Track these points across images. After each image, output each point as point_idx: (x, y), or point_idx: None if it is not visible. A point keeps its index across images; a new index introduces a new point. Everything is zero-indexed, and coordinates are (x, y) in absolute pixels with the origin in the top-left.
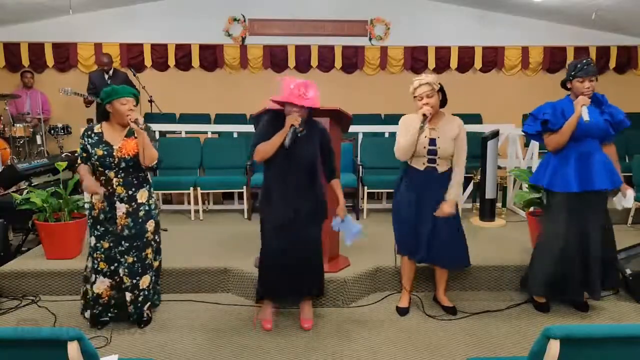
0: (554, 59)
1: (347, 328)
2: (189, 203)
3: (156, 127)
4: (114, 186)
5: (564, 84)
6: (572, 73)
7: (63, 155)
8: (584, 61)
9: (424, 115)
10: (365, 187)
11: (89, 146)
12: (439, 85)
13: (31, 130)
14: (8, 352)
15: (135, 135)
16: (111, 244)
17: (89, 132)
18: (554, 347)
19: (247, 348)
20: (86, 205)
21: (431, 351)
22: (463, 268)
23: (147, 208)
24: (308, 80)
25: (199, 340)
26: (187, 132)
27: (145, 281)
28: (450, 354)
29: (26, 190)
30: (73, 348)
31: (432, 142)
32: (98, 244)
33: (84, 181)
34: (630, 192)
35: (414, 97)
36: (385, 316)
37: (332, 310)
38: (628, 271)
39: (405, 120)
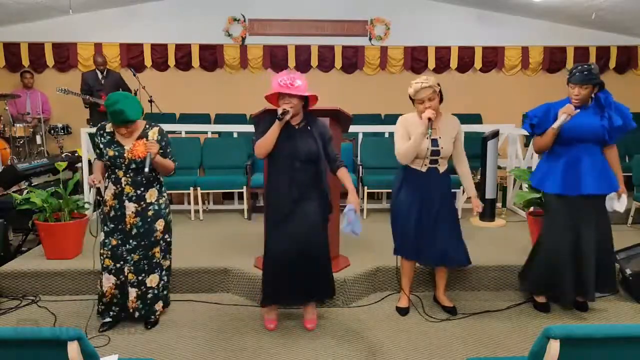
0: (554, 59)
1: (347, 328)
2: (189, 203)
3: None
4: (123, 185)
5: None
6: (568, 77)
7: (63, 155)
8: (580, 67)
9: (429, 119)
10: (366, 187)
11: (102, 145)
12: (439, 87)
13: (31, 130)
14: (8, 352)
15: (148, 138)
16: (119, 242)
17: (102, 132)
18: (554, 347)
19: (247, 348)
20: (87, 199)
21: (431, 351)
22: (463, 267)
23: (156, 208)
24: (296, 72)
25: (199, 340)
26: (187, 132)
27: (153, 280)
28: (450, 354)
29: (26, 190)
30: (73, 348)
31: (434, 142)
32: (107, 240)
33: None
34: (624, 197)
35: (413, 99)
36: (385, 316)
37: (332, 310)
38: (628, 271)
39: (403, 122)
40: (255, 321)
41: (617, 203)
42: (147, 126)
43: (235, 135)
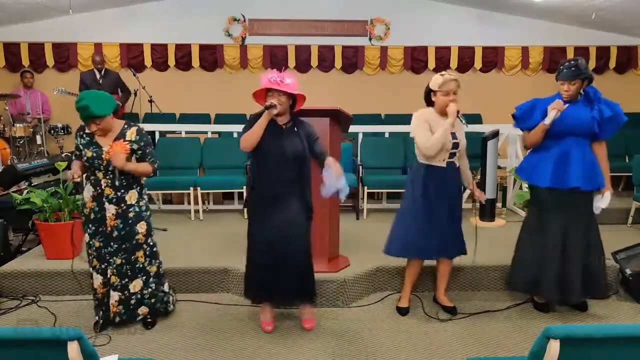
0: (554, 59)
1: (347, 328)
2: (189, 203)
3: (156, 127)
4: (102, 187)
5: None
6: (556, 74)
7: (63, 155)
8: (567, 63)
9: (458, 110)
10: (366, 187)
11: (81, 146)
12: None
13: (31, 130)
14: (8, 352)
15: (125, 137)
16: (101, 244)
17: (81, 132)
18: (554, 347)
19: (247, 348)
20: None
21: (431, 351)
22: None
23: (136, 210)
24: (287, 72)
25: (199, 340)
26: (187, 132)
27: (136, 285)
28: (450, 354)
29: (26, 190)
30: (73, 348)
31: (453, 136)
32: (91, 242)
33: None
34: (608, 195)
35: (437, 91)
36: (385, 316)
37: (332, 310)
38: (628, 271)
39: (423, 117)
40: (255, 321)
41: (601, 200)
42: (125, 126)
43: (235, 135)
